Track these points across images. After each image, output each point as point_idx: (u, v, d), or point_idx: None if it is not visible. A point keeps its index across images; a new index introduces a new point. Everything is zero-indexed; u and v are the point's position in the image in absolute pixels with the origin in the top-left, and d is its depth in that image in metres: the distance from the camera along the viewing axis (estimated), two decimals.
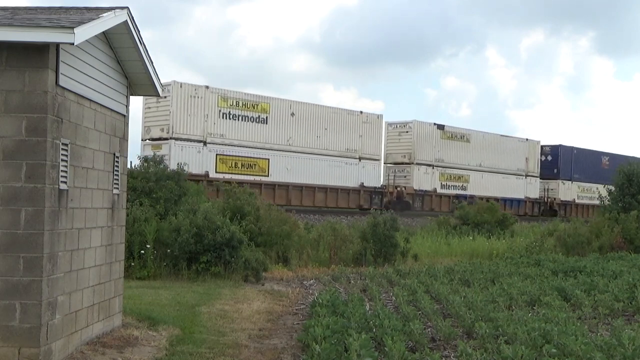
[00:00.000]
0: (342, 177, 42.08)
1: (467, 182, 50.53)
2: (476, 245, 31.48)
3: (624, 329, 11.93)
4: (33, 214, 8.28)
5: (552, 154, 59.20)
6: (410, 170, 47.14)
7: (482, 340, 10.97)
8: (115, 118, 10.95)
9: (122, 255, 11.71)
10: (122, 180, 11.45)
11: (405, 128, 47.88)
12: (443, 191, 48.86)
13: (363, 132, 43.20)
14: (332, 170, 41.32)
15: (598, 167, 61.59)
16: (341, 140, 42.17)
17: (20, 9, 10.12)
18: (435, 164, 48.50)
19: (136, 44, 10.43)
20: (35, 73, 8.29)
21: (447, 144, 49.29)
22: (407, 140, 47.58)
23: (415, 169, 47.12)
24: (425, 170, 47.69)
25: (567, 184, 59.37)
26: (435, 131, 48.55)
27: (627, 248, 30.42)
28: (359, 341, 9.33)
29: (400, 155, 47.75)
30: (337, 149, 41.88)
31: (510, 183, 54.08)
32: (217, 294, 16.28)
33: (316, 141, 40.65)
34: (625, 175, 37.98)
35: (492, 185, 52.29)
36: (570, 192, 59.65)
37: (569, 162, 59.48)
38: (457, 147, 50.03)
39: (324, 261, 24.63)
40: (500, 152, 53.31)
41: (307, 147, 40.26)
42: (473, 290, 17.04)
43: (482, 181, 51.57)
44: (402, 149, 47.68)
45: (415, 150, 47.18)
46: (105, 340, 10.42)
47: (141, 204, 20.53)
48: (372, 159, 43.83)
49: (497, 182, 52.91)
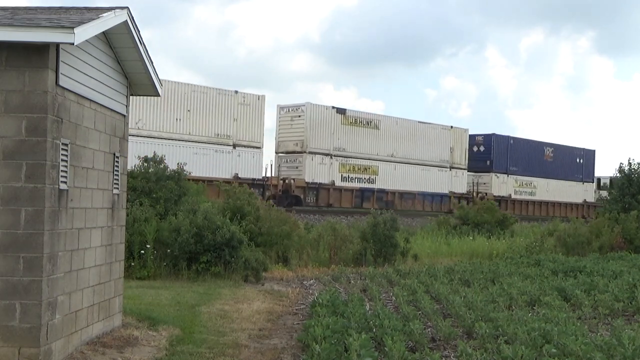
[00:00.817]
0: (210, 167, 36.71)
1: (375, 174, 44.35)
2: (476, 245, 31.47)
3: (624, 329, 11.93)
4: (33, 214, 8.28)
5: (485, 144, 54.12)
6: (302, 160, 40.78)
7: (482, 340, 10.97)
8: (115, 118, 10.95)
9: (122, 255, 11.71)
10: (122, 180, 11.45)
11: (298, 112, 41.40)
12: (344, 184, 42.34)
13: (239, 115, 38.04)
14: (197, 158, 35.67)
15: (540, 159, 57.22)
16: (210, 125, 36.89)
17: (20, 9, 10.12)
18: (335, 154, 42.17)
19: (136, 44, 10.43)
20: (35, 73, 8.29)
21: (351, 130, 43.10)
22: (299, 126, 41.23)
23: (308, 158, 40.70)
24: (321, 160, 41.23)
25: (501, 178, 54.17)
26: (335, 116, 42.32)
27: (627, 248, 30.44)
28: (359, 341, 9.33)
29: (292, 143, 41.44)
30: (205, 134, 36.73)
31: (431, 176, 48.11)
32: (217, 294, 16.27)
33: (175, 125, 35.64)
34: (625, 175, 38.00)
35: (407, 178, 46.46)
36: (505, 187, 54.30)
37: (504, 153, 54.29)
38: (363, 134, 43.89)
39: (324, 261, 24.62)
40: (419, 141, 47.32)
41: (164, 132, 35.03)
42: (473, 290, 17.03)
43: (395, 173, 45.56)
44: (294, 136, 41.35)
45: (309, 137, 40.79)
46: (105, 340, 10.42)
47: (141, 204, 20.52)
48: (251, 146, 38.53)
49: (414, 174, 46.93)
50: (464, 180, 51.08)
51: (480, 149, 53.83)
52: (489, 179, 53.48)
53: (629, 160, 38.82)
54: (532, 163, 56.33)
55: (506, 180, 54.37)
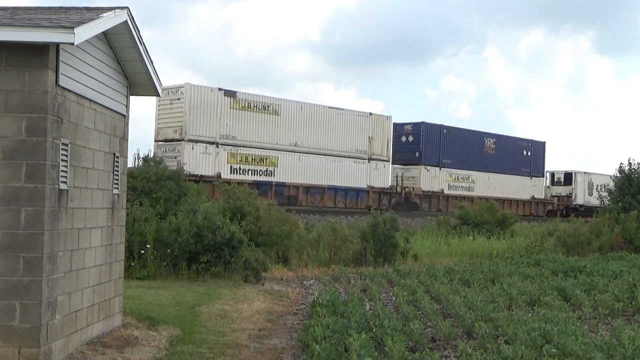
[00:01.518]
0: None
1: (274, 165, 39.36)
2: (476, 245, 31.48)
3: (624, 329, 11.93)
4: (33, 214, 8.28)
5: (414, 133, 48.91)
6: (181, 148, 35.81)
7: (482, 340, 10.98)
8: (115, 118, 10.95)
9: (122, 255, 11.71)
10: (122, 180, 11.46)
11: (177, 94, 36.19)
12: (234, 176, 36.79)
13: None
14: None
15: (479, 150, 52.52)
16: None
17: (20, 9, 10.12)
18: (222, 142, 37.21)
19: (136, 44, 10.44)
20: (35, 73, 8.29)
21: (243, 115, 38.06)
22: (178, 110, 36.18)
23: (188, 147, 35.82)
24: (205, 149, 36.21)
25: (432, 171, 48.89)
26: (222, 98, 37.20)
27: (627, 248, 30.44)
28: (359, 341, 9.33)
29: (171, 130, 36.43)
30: None
31: (345, 168, 42.72)
32: (217, 294, 16.28)
33: None
34: (625, 175, 38.01)
35: (314, 170, 41.22)
36: (437, 181, 49.18)
37: (436, 144, 49.34)
38: (259, 120, 38.81)
39: (324, 261, 24.63)
40: (330, 129, 42.10)
41: None
42: (473, 290, 17.03)
43: (298, 165, 40.51)
44: (173, 122, 36.34)
45: (188, 122, 35.82)
46: (105, 340, 10.42)
47: (141, 204, 20.53)
48: None
49: (323, 166, 41.67)
50: (386, 174, 45.39)
51: (409, 140, 48.85)
52: (418, 172, 48.17)
53: (629, 160, 38.82)
54: (470, 155, 51.46)
55: (438, 173, 49.25)
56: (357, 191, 43.38)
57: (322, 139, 41.68)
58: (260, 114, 38.92)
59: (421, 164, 48.31)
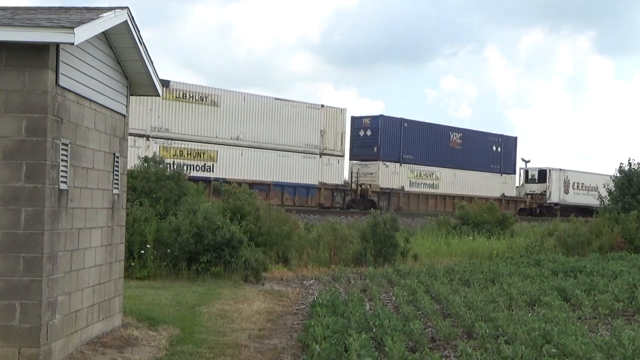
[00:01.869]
0: None
1: (213, 160, 37.59)
2: (476, 245, 31.48)
3: (624, 329, 11.93)
4: (33, 214, 8.28)
5: (372, 127, 46.01)
6: None
7: (482, 340, 10.98)
8: (115, 118, 10.95)
9: (122, 255, 11.71)
10: (122, 180, 11.46)
11: None
12: None
13: None
14: None
15: (444, 146, 49.75)
16: None
17: (20, 9, 10.12)
18: (154, 135, 35.60)
19: (136, 44, 10.44)
20: (35, 73, 8.29)
21: (177, 107, 36.25)
22: None
23: None
24: (133, 143, 33.70)
25: (392, 167, 46.08)
26: None
27: (627, 248, 30.43)
28: (359, 341, 9.33)
29: None
30: None
31: (293, 164, 40.46)
32: (217, 294, 16.28)
33: None
34: (625, 175, 37.99)
35: (258, 166, 39.12)
36: (397, 178, 46.28)
37: (397, 139, 46.47)
38: (196, 112, 37.01)
39: (324, 261, 24.63)
40: (276, 122, 39.83)
41: None
42: (473, 290, 17.03)
43: (240, 160, 38.48)
44: None
45: None
46: (105, 340, 10.42)
47: (141, 204, 20.52)
48: None
49: (268, 161, 39.50)
50: (340, 169, 42.74)
51: (367, 134, 45.92)
52: (376, 169, 45.18)
53: (629, 160, 38.81)
54: (433, 150, 48.80)
55: (398, 170, 46.36)
56: (307, 188, 41.15)
57: (268, 132, 39.44)
58: (197, 105, 37.02)
59: (379, 159, 45.38)
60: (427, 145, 48.32)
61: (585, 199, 58.44)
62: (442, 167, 49.43)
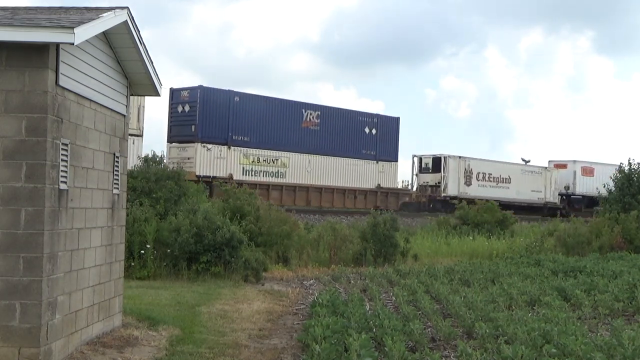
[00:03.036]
0: None
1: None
2: (476, 245, 31.49)
3: (624, 329, 11.92)
4: (33, 214, 8.28)
5: (191, 102, 37.68)
6: None
7: (482, 340, 10.98)
8: (116, 118, 10.95)
9: (122, 255, 11.72)
10: (122, 180, 11.46)
11: None
12: None
13: None
14: None
15: (295, 126, 41.14)
16: None
17: (20, 9, 10.12)
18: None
19: (136, 44, 10.44)
20: (35, 73, 8.29)
21: None
22: None
23: None
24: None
25: (216, 151, 37.79)
26: None
27: (627, 248, 30.43)
28: (359, 341, 9.34)
29: None
30: None
31: None
32: (217, 294, 16.28)
33: None
34: (625, 175, 38.01)
35: None
36: (223, 164, 37.94)
37: (223, 116, 38.07)
38: None
39: (324, 261, 24.63)
40: None
41: None
42: (473, 290, 17.04)
43: None
44: None
45: None
46: (105, 340, 10.43)
47: (141, 204, 20.53)
48: None
49: None
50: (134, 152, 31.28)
51: (185, 109, 37.93)
52: (194, 152, 37.16)
53: (629, 160, 38.82)
54: (279, 131, 40.19)
55: (225, 154, 38.05)
56: None
57: None
58: None
59: (197, 140, 37.18)
60: (268, 124, 39.90)
61: (493, 192, 50.04)
62: (290, 151, 40.84)
